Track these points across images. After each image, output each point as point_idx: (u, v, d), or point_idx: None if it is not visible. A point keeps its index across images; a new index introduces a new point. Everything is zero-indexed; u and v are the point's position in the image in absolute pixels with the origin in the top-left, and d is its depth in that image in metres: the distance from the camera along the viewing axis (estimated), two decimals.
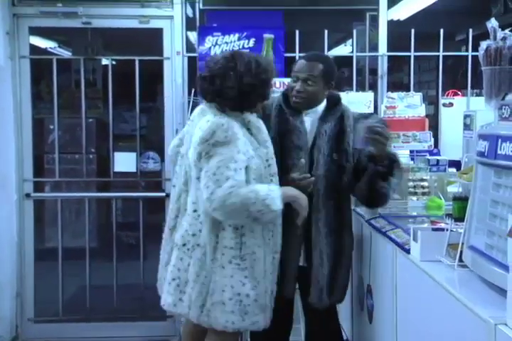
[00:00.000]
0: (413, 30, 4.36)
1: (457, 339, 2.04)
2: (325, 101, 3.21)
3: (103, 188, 5.28)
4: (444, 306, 2.13)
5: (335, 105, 3.21)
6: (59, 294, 4.70)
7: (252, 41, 4.38)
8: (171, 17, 4.51)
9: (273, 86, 3.01)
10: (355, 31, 4.59)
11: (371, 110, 4.33)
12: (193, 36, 4.72)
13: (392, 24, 4.64)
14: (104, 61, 5.70)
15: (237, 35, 4.39)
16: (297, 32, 4.41)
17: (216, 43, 4.40)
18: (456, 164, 3.71)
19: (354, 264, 3.52)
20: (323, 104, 3.21)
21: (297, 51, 4.41)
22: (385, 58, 4.53)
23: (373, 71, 4.71)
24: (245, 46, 4.37)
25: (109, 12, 4.54)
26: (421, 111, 4.19)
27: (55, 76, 4.62)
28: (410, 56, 4.46)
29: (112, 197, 4.90)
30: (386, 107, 4.20)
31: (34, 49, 4.80)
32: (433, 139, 4.06)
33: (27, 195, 4.62)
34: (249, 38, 4.39)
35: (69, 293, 4.88)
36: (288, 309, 3.32)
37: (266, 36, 4.24)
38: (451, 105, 4.33)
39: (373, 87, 4.67)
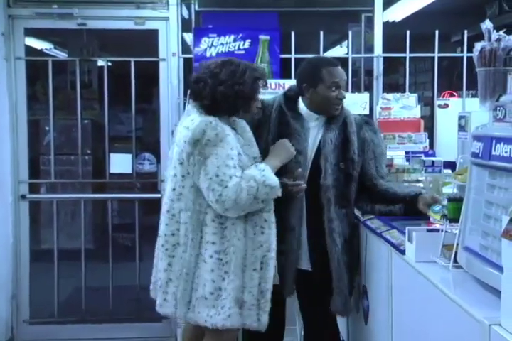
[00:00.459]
0: (408, 31, 4.37)
1: (452, 339, 2.04)
2: None
3: (99, 189, 5.28)
4: (439, 307, 2.13)
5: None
6: (54, 295, 4.69)
7: (248, 42, 4.38)
8: (167, 18, 4.52)
9: (256, 99, 2.98)
10: (350, 32, 4.60)
11: (366, 111, 4.34)
12: (189, 37, 4.73)
13: (387, 25, 4.65)
14: (99, 62, 5.70)
15: (232, 36, 4.39)
16: (293, 33, 4.41)
17: (212, 45, 4.40)
18: (451, 165, 3.71)
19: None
20: None
21: (293, 52, 4.41)
22: (381, 59, 4.54)
23: (369, 72, 4.72)
24: (241, 47, 4.38)
25: (104, 13, 4.54)
26: (416, 112, 4.19)
27: (51, 77, 4.62)
28: (406, 57, 4.47)
29: (108, 199, 4.89)
30: (381, 108, 4.20)
31: (29, 50, 4.80)
32: (428, 140, 4.06)
33: (22, 197, 4.61)
34: (244, 40, 4.39)
35: (64, 295, 4.88)
36: (281, 310, 3.32)
37: (261, 37, 4.25)
38: (446, 106, 4.33)
39: (369, 88, 4.67)
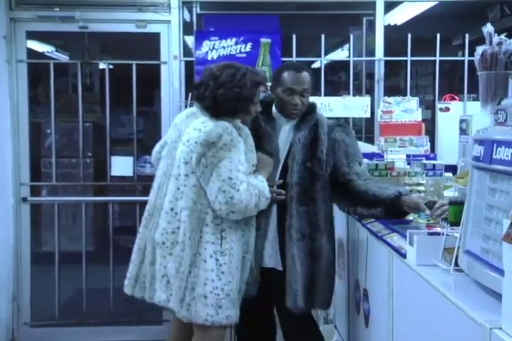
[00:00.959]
0: (410, 34, 4.38)
1: None
2: None
3: (100, 192, 5.28)
4: (440, 310, 2.13)
5: (310, 113, 3.23)
6: (55, 298, 4.70)
7: (249, 46, 4.39)
8: (168, 21, 4.53)
9: (255, 102, 3.05)
10: (352, 36, 4.62)
11: (368, 115, 4.35)
12: (190, 40, 4.73)
13: (389, 29, 4.66)
14: (101, 65, 5.69)
15: (234, 39, 4.40)
16: (294, 36, 4.42)
17: (213, 48, 4.41)
18: (452, 168, 3.71)
19: (350, 268, 3.52)
20: None
21: (294, 56, 4.42)
22: (382, 63, 4.54)
23: (370, 75, 4.73)
24: (242, 50, 4.38)
25: (106, 16, 4.55)
26: (417, 115, 4.20)
27: (52, 80, 4.63)
28: (407, 61, 4.48)
29: (109, 201, 4.90)
30: (383, 112, 4.21)
31: (31, 53, 4.80)
32: (429, 144, 4.07)
33: (24, 199, 4.62)
34: (246, 43, 4.40)
35: (65, 297, 4.88)
36: (270, 313, 3.35)
37: (263, 41, 4.26)
38: (447, 110, 4.33)
39: (370, 92, 4.68)
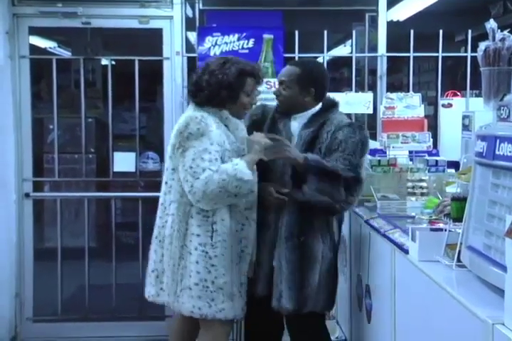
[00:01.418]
0: (412, 30, 4.37)
1: (455, 338, 2.04)
2: (318, 106, 3.20)
3: (102, 188, 5.28)
4: (442, 306, 2.14)
5: (325, 111, 3.19)
6: (58, 294, 4.70)
7: (252, 41, 4.39)
8: (171, 17, 4.52)
9: (246, 93, 3.04)
10: (354, 32, 4.60)
11: (370, 111, 4.34)
12: (193, 36, 4.72)
13: (391, 25, 4.65)
14: (103, 61, 5.70)
15: (236, 35, 4.40)
16: (297, 32, 4.41)
17: (216, 43, 4.41)
18: (454, 164, 3.72)
19: (352, 264, 3.53)
20: (314, 110, 3.20)
21: (296, 52, 4.42)
22: (385, 59, 4.54)
23: (372, 71, 4.72)
24: (245, 46, 4.38)
25: (108, 12, 4.54)
26: (420, 111, 4.19)
27: (55, 76, 4.62)
28: (409, 57, 4.47)
29: (112, 197, 4.90)
30: (385, 108, 4.20)
31: (34, 49, 4.80)
32: (432, 140, 4.06)
33: (26, 195, 4.62)
34: (248, 39, 4.39)
35: (68, 293, 4.88)
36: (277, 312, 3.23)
37: (265, 36, 4.25)
38: (450, 106, 4.33)
39: (372, 88, 4.67)
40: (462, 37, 5.59)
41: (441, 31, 4.37)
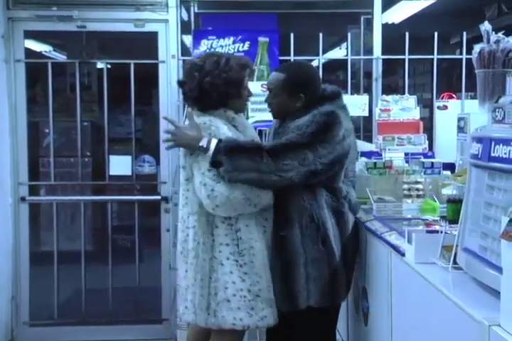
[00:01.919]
0: (407, 33, 4.38)
1: (451, 340, 2.04)
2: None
3: (98, 191, 5.28)
4: (439, 308, 2.14)
5: (301, 111, 3.02)
6: (54, 297, 4.70)
7: (247, 44, 4.39)
8: (166, 20, 4.52)
9: (246, 86, 2.96)
10: (349, 34, 4.62)
11: (366, 113, 4.35)
12: (188, 40, 4.73)
13: (386, 27, 4.66)
14: (99, 64, 5.70)
15: (231, 38, 4.40)
16: (292, 35, 4.41)
17: (211, 47, 4.41)
18: (450, 166, 3.72)
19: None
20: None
21: (292, 54, 4.42)
22: (380, 61, 4.54)
23: (368, 74, 4.73)
24: (240, 49, 4.38)
25: (104, 15, 4.55)
26: (415, 113, 4.20)
27: (50, 79, 4.62)
28: (405, 59, 4.48)
29: (108, 201, 4.90)
30: (381, 110, 4.21)
31: (29, 53, 4.80)
32: (427, 142, 4.07)
33: (22, 199, 4.61)
34: (244, 42, 4.39)
35: (64, 297, 4.88)
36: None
37: (261, 39, 4.26)
38: (445, 108, 4.34)
39: (368, 90, 4.69)
40: (457, 39, 5.59)
41: (436, 33, 4.38)
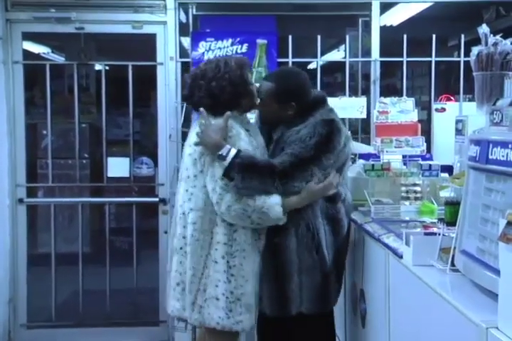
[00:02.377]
0: (406, 35, 4.38)
1: None
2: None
3: (96, 193, 5.28)
4: (437, 310, 2.14)
5: (309, 110, 3.03)
6: (52, 299, 4.69)
7: (245, 46, 4.39)
8: (165, 22, 4.52)
9: (252, 83, 2.98)
10: (348, 37, 4.61)
11: (364, 115, 4.35)
12: (187, 41, 4.73)
13: (384, 30, 4.66)
14: (97, 66, 5.70)
15: (230, 40, 4.40)
16: (290, 37, 4.42)
17: (209, 49, 4.41)
18: (448, 169, 3.72)
19: (347, 269, 3.52)
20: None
21: (290, 56, 4.42)
22: (378, 63, 4.54)
23: (366, 76, 4.73)
24: (238, 51, 4.38)
25: (102, 17, 4.55)
26: (413, 116, 4.19)
27: (48, 81, 4.62)
28: (403, 61, 4.48)
29: (106, 203, 4.90)
30: (379, 112, 4.20)
31: (27, 54, 4.80)
32: (425, 144, 4.06)
33: (20, 200, 4.61)
34: (242, 44, 4.40)
35: (62, 299, 4.87)
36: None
37: (259, 41, 4.25)
38: (443, 110, 4.34)
39: (366, 92, 4.68)
40: (455, 42, 5.60)
41: (434, 36, 4.39)
